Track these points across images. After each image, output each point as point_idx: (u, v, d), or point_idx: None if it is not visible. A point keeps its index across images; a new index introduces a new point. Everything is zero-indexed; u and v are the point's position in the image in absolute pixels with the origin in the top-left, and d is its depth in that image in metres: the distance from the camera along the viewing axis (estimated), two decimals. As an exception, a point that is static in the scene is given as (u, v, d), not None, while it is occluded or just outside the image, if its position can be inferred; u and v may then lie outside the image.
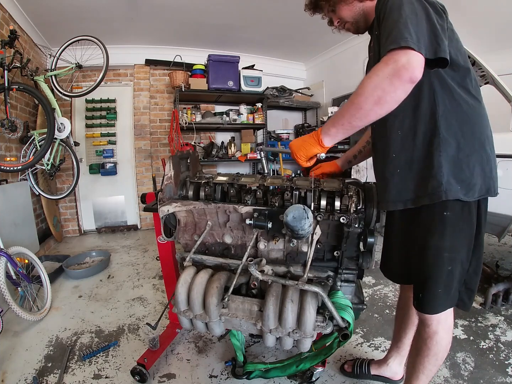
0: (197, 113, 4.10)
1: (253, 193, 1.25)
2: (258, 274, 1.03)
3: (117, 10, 3.20)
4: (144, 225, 4.50)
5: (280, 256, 1.23)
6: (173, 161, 1.29)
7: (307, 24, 3.64)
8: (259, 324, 1.03)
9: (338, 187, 1.17)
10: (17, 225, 2.60)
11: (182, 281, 1.12)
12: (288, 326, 1.00)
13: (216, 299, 1.05)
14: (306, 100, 4.88)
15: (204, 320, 1.09)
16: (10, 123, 2.44)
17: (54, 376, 1.49)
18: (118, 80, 4.30)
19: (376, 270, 2.59)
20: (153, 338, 1.53)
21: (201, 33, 3.88)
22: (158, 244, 1.52)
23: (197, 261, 1.25)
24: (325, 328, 1.03)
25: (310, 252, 1.08)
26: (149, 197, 1.50)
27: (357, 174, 3.30)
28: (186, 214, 1.28)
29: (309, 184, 1.19)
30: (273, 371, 1.41)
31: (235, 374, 1.45)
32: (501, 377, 1.42)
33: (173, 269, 1.58)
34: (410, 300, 1.17)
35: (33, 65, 2.95)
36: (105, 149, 4.23)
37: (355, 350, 1.66)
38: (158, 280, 2.62)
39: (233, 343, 1.39)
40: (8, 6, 2.80)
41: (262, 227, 1.11)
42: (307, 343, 1.05)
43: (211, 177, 1.34)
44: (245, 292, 1.14)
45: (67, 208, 4.18)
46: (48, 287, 2.19)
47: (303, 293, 1.03)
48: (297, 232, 1.00)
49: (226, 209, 1.19)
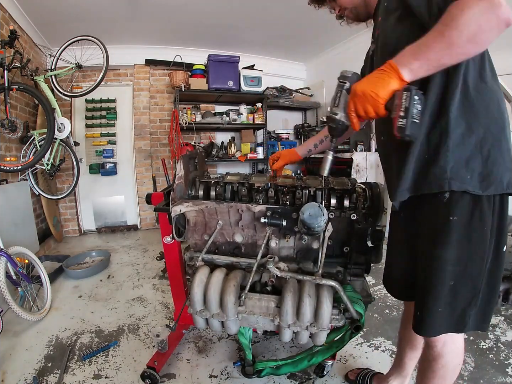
0: (197, 113, 4.09)
1: (264, 192, 1.27)
2: (276, 271, 1.06)
3: (117, 10, 3.20)
4: (144, 225, 4.50)
5: (290, 253, 1.26)
6: (184, 161, 1.30)
7: (307, 24, 3.65)
8: (276, 320, 1.06)
9: (347, 186, 1.22)
10: (17, 225, 2.60)
11: (198, 281, 1.13)
12: (306, 320, 1.04)
13: (234, 297, 1.07)
14: (306, 100, 4.88)
15: (221, 319, 1.10)
16: (10, 123, 2.44)
17: (54, 376, 1.49)
18: (118, 80, 4.30)
19: (376, 270, 2.60)
20: (162, 340, 1.50)
21: (201, 33, 3.88)
22: (163, 244, 1.51)
23: (207, 261, 1.26)
24: (339, 320, 1.06)
25: (323, 248, 1.10)
26: (154, 197, 1.47)
27: (357, 174, 3.30)
28: (196, 214, 1.28)
29: (319, 183, 1.24)
30: (284, 367, 1.41)
31: (245, 373, 1.45)
32: (501, 377, 1.42)
33: (179, 270, 1.56)
34: None
35: (33, 65, 2.94)
36: (105, 149, 4.23)
37: (355, 350, 1.66)
38: (158, 280, 2.62)
39: (242, 342, 1.39)
40: (8, 6, 2.80)
41: (277, 225, 1.14)
42: (323, 336, 1.08)
43: (221, 177, 1.36)
44: (259, 290, 1.16)
45: (67, 208, 4.18)
46: (48, 287, 2.19)
47: (319, 288, 1.06)
48: (313, 229, 1.03)
49: (239, 208, 1.21)
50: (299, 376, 1.47)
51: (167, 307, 2.15)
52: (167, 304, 2.19)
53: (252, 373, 1.44)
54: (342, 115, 0.82)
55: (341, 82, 0.83)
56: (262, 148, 4.41)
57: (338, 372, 1.50)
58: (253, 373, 1.44)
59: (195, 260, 1.27)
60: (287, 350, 1.67)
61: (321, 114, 4.74)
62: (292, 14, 3.41)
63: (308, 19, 3.50)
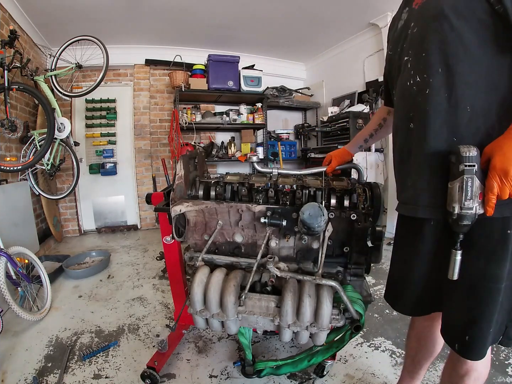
0: (197, 113, 4.10)
1: (264, 192, 1.27)
2: (276, 271, 1.06)
3: (117, 10, 3.20)
4: (144, 225, 4.50)
5: (290, 253, 1.26)
6: (184, 161, 1.30)
7: (307, 24, 3.66)
8: (276, 320, 1.06)
9: (347, 186, 1.22)
10: (17, 225, 2.60)
11: (198, 281, 1.12)
12: (306, 320, 1.04)
13: (234, 297, 1.07)
14: (306, 100, 4.88)
15: (221, 319, 1.10)
16: (10, 123, 2.44)
17: (54, 376, 1.49)
18: (118, 80, 4.30)
19: (376, 270, 2.60)
20: (162, 340, 1.50)
21: (201, 33, 3.88)
22: (163, 244, 1.51)
23: (207, 261, 1.26)
24: (339, 320, 1.06)
25: (323, 248, 1.10)
26: (154, 197, 1.47)
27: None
28: (196, 214, 1.28)
29: (319, 183, 1.24)
30: (284, 367, 1.41)
31: (245, 373, 1.45)
32: (501, 377, 1.42)
33: (179, 270, 1.57)
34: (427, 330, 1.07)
35: (33, 65, 2.95)
36: (105, 149, 4.23)
37: (355, 350, 1.66)
38: (158, 280, 2.62)
39: (242, 342, 1.39)
40: (8, 6, 2.80)
41: (277, 225, 1.14)
42: (323, 336, 1.08)
43: (221, 177, 1.35)
44: (259, 290, 1.16)
45: (67, 208, 4.18)
46: (48, 287, 2.19)
47: (319, 288, 1.06)
48: (313, 229, 1.03)
49: (239, 208, 1.21)
50: (299, 376, 1.47)
51: (167, 307, 2.15)
52: (167, 304, 2.19)
53: (252, 373, 1.44)
54: (476, 206, 0.67)
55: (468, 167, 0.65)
56: (262, 148, 4.41)
57: (338, 372, 1.50)
58: (253, 373, 1.44)
59: (195, 260, 1.27)
60: (287, 350, 1.67)
61: (321, 114, 4.75)
62: (292, 14, 3.41)
63: (308, 19, 3.51)
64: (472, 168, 0.65)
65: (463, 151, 0.66)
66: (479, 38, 0.71)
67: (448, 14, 0.71)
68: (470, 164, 0.65)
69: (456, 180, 0.67)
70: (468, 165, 0.65)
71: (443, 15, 0.72)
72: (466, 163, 0.66)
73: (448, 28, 0.72)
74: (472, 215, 0.66)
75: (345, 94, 4.21)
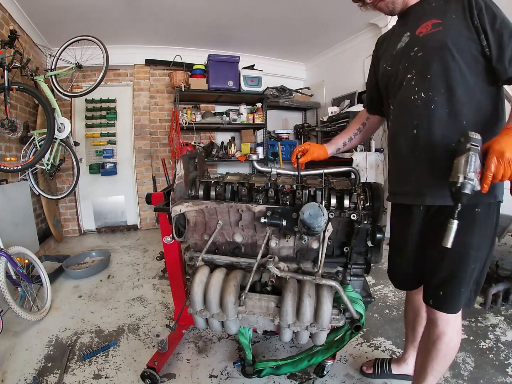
0: (197, 113, 4.10)
1: (264, 192, 1.27)
2: (276, 271, 1.06)
3: (117, 10, 3.20)
4: (144, 225, 4.50)
5: (290, 253, 1.26)
6: (184, 161, 1.30)
7: (307, 24, 3.66)
8: (276, 320, 1.06)
9: (347, 185, 1.22)
10: (17, 225, 2.60)
11: (198, 281, 1.12)
12: (306, 320, 1.04)
13: (234, 298, 1.07)
14: (306, 100, 4.88)
15: (221, 319, 1.10)
16: (10, 123, 2.44)
17: (54, 376, 1.49)
18: (118, 80, 4.30)
19: (376, 270, 2.60)
20: (162, 340, 1.50)
21: (201, 33, 3.88)
22: (163, 244, 1.51)
23: (207, 261, 1.26)
24: (339, 320, 1.06)
25: (323, 248, 1.10)
26: (154, 197, 1.47)
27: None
28: (196, 214, 1.28)
29: (319, 183, 1.24)
30: (284, 367, 1.42)
31: (245, 373, 1.45)
32: (501, 377, 1.42)
33: (179, 270, 1.57)
34: (421, 302, 1.17)
35: (33, 65, 2.95)
36: (105, 149, 4.23)
37: (355, 350, 1.66)
38: (158, 280, 2.62)
39: (242, 342, 1.40)
40: (8, 6, 2.80)
41: (276, 225, 1.13)
42: (323, 336, 1.08)
43: (221, 177, 1.35)
44: (259, 290, 1.16)
45: (67, 208, 4.18)
46: (48, 287, 2.19)
47: (319, 288, 1.06)
48: (313, 229, 1.03)
49: (239, 208, 1.21)
50: (299, 376, 1.47)
51: (167, 307, 2.15)
52: (167, 304, 2.19)
53: (252, 373, 1.44)
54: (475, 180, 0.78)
55: (474, 146, 0.79)
56: (262, 148, 4.42)
57: (338, 372, 1.50)
58: (253, 373, 1.44)
59: (195, 260, 1.27)
60: (287, 350, 1.67)
61: (321, 114, 4.75)
62: (292, 14, 3.41)
63: (308, 19, 3.51)
64: (476, 147, 0.79)
65: (471, 134, 0.80)
66: (472, 69, 0.91)
67: (451, 47, 0.91)
68: (475, 144, 0.79)
69: (463, 155, 0.79)
70: (473, 144, 0.79)
71: (447, 47, 0.91)
72: (472, 142, 0.79)
73: (450, 58, 0.91)
74: (472, 186, 0.77)
75: (345, 94, 4.20)
